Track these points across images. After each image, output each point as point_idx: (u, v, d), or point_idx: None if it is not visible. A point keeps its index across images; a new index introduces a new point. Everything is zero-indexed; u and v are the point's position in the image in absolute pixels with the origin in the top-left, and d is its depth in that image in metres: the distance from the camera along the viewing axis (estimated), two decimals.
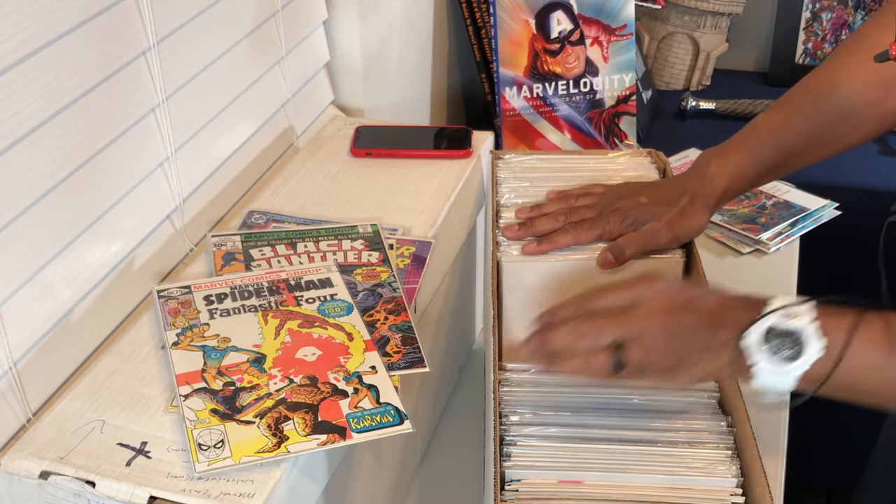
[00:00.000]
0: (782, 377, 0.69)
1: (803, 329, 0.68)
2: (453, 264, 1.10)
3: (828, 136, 0.93)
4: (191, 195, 0.99)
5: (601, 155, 1.13)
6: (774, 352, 0.69)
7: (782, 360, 0.69)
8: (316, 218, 1.03)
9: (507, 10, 1.49)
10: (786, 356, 0.69)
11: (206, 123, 1.00)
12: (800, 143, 0.94)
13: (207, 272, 0.94)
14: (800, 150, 0.94)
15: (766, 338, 0.69)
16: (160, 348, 0.84)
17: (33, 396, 0.78)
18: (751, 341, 0.69)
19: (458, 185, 1.10)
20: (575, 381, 0.84)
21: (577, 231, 0.95)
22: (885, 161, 1.66)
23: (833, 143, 0.95)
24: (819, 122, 0.93)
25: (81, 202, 0.83)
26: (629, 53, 1.58)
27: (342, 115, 1.30)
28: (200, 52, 0.97)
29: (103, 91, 0.83)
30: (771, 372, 0.69)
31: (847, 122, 0.92)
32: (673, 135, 1.74)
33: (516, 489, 0.74)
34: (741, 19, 1.91)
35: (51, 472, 0.71)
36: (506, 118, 1.53)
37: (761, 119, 0.96)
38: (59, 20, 0.76)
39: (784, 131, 0.94)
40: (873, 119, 0.93)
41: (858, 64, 0.91)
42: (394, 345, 0.84)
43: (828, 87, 0.93)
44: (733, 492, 0.73)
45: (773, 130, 0.95)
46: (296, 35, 1.17)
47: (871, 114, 0.92)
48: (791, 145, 0.94)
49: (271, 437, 0.72)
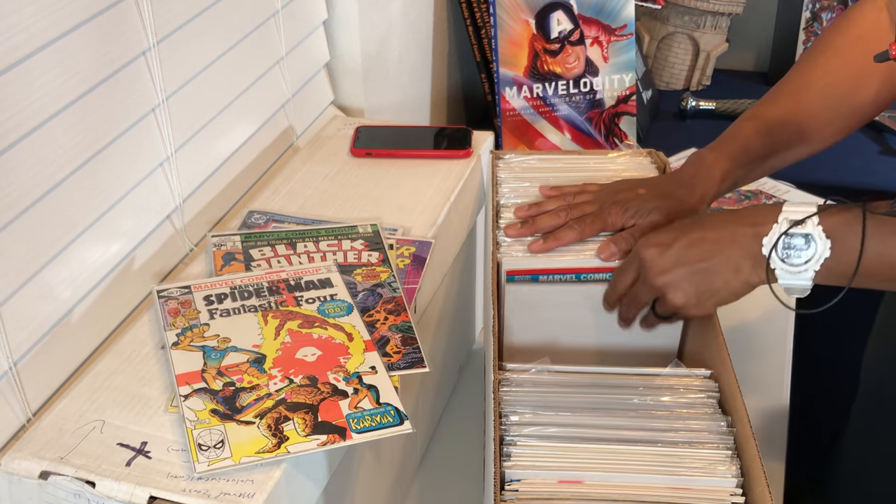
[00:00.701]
0: (799, 276, 0.79)
1: (811, 232, 0.78)
2: (453, 264, 1.10)
3: (810, 128, 0.97)
4: (191, 195, 0.99)
5: (601, 155, 1.13)
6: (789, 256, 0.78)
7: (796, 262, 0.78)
8: (316, 218, 1.03)
9: (507, 10, 1.49)
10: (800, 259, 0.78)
11: (206, 123, 1.00)
12: (785, 135, 0.97)
13: (207, 272, 0.94)
14: (787, 143, 0.97)
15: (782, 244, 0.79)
16: (160, 348, 0.84)
17: (33, 396, 0.78)
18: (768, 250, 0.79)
19: (458, 185, 1.10)
20: (575, 381, 0.85)
21: (581, 226, 0.95)
22: (885, 161, 1.66)
23: (817, 134, 0.98)
24: (800, 115, 0.97)
25: (81, 202, 0.83)
26: (629, 53, 1.58)
27: (342, 115, 1.30)
28: (200, 52, 0.97)
29: (103, 91, 0.83)
30: (789, 273, 0.79)
31: (825, 115, 0.97)
32: (673, 135, 1.74)
33: (516, 489, 0.74)
34: (741, 19, 1.91)
35: (51, 472, 0.71)
36: (506, 118, 1.53)
37: (748, 114, 1.00)
38: (59, 20, 0.76)
39: (770, 124, 0.97)
40: (849, 111, 0.98)
41: (825, 61, 0.98)
42: (394, 345, 0.84)
43: (804, 84, 0.98)
44: (733, 492, 0.73)
45: (759, 123, 0.98)
46: (296, 35, 1.17)
47: (846, 106, 0.97)
48: (778, 137, 0.97)
49: (271, 438, 0.72)
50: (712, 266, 0.83)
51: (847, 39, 0.97)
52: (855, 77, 0.96)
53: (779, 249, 0.79)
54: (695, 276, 0.84)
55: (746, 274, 0.82)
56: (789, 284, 0.80)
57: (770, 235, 0.80)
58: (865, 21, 0.96)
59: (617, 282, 0.91)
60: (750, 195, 1.46)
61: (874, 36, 0.95)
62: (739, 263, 0.82)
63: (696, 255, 0.84)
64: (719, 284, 0.83)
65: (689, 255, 0.84)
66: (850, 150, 1.64)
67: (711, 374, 0.86)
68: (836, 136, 0.99)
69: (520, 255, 0.95)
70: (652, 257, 0.86)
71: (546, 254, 0.95)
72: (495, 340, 0.88)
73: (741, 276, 0.82)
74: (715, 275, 0.83)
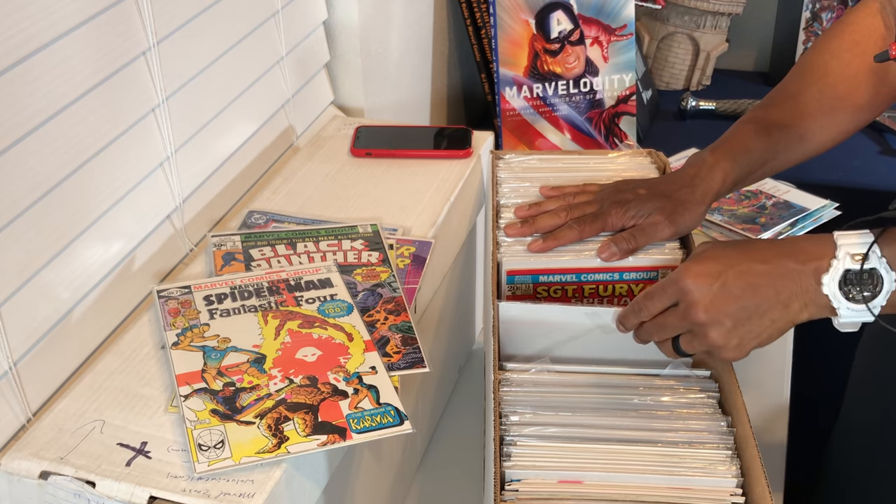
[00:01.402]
0: (864, 313, 0.74)
1: (875, 266, 0.73)
2: (453, 264, 1.10)
3: (809, 130, 0.98)
4: (191, 195, 0.99)
5: (601, 155, 1.13)
6: (854, 293, 0.74)
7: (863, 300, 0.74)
8: (316, 218, 1.03)
9: (507, 10, 1.49)
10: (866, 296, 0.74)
11: (206, 123, 1.00)
12: (785, 137, 0.97)
13: (207, 272, 0.94)
14: (786, 144, 0.98)
15: (845, 281, 0.74)
16: (160, 348, 0.84)
17: (33, 396, 0.78)
18: (833, 289, 0.74)
19: (458, 185, 1.10)
20: (575, 381, 0.85)
21: (581, 226, 0.96)
22: (885, 161, 1.66)
23: (815, 136, 0.98)
24: (798, 117, 0.98)
25: (81, 202, 0.83)
26: (629, 53, 1.58)
27: (342, 115, 1.30)
28: (200, 52, 0.97)
29: (103, 91, 0.83)
30: (853, 312, 0.74)
31: (824, 117, 0.98)
32: (673, 135, 1.74)
33: (516, 489, 0.74)
34: (741, 19, 1.91)
35: (51, 472, 0.71)
36: (506, 118, 1.53)
37: (747, 116, 1.00)
38: (59, 20, 0.76)
39: (769, 125, 0.98)
40: (847, 113, 0.98)
41: (823, 64, 0.98)
42: (394, 345, 0.84)
43: (802, 86, 0.99)
44: (733, 492, 0.73)
45: (759, 125, 0.98)
46: (296, 35, 1.17)
47: (843, 108, 0.98)
48: (777, 138, 0.97)
49: (271, 438, 0.72)
50: (761, 304, 0.76)
51: (843, 43, 0.98)
52: (851, 80, 0.97)
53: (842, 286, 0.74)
54: (741, 312, 0.76)
55: (795, 312, 0.76)
56: (849, 322, 0.75)
57: (831, 273, 0.74)
58: (861, 25, 0.98)
59: (643, 306, 0.82)
60: (750, 195, 1.46)
61: (869, 40, 0.96)
62: (790, 300, 0.76)
63: (745, 289, 0.76)
64: (766, 324, 0.77)
65: (737, 289, 0.76)
66: (850, 150, 1.64)
67: (711, 374, 0.86)
68: (835, 139, 1.00)
69: (520, 254, 0.95)
70: (699, 289, 0.77)
71: (546, 254, 0.95)
72: (495, 340, 0.87)
73: (789, 314, 0.76)
74: (763, 313, 0.76)
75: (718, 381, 0.85)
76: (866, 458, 1.12)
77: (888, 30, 0.96)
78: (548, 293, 0.96)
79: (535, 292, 0.96)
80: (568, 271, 0.95)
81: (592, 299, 0.97)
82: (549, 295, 0.96)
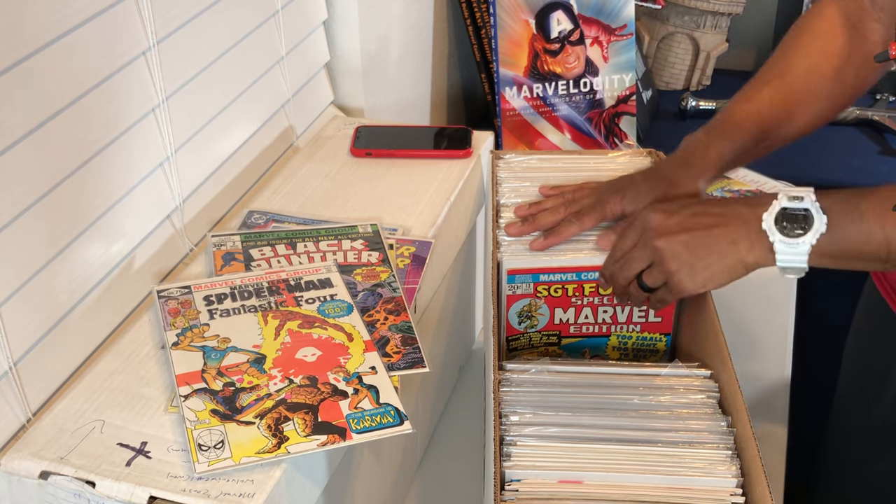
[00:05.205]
0: (796, 249, 0.82)
1: (809, 207, 0.81)
2: (453, 264, 1.10)
3: (798, 108, 1.00)
4: (191, 195, 0.99)
5: (601, 155, 1.13)
6: (788, 229, 0.82)
7: (795, 235, 0.81)
8: (316, 218, 1.03)
9: (507, 10, 1.49)
10: (798, 232, 0.81)
11: (206, 123, 1.00)
12: (775, 115, 0.99)
13: (207, 272, 0.94)
14: (777, 122, 0.99)
15: (782, 217, 0.82)
16: (160, 348, 0.84)
17: (33, 396, 0.78)
18: (769, 223, 0.82)
19: (458, 185, 1.10)
20: (575, 381, 0.85)
21: (580, 218, 0.96)
22: (886, 161, 1.66)
23: (804, 114, 1.00)
24: (787, 96, 1.00)
25: (82, 202, 0.83)
26: (629, 53, 1.58)
27: (342, 115, 1.30)
28: (200, 52, 0.97)
29: (103, 91, 0.83)
30: (786, 245, 0.82)
31: (811, 95, 1.00)
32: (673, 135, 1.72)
33: (516, 489, 0.74)
34: (741, 19, 1.91)
35: (51, 472, 0.71)
36: (506, 118, 1.53)
37: (737, 97, 1.02)
38: (59, 20, 0.76)
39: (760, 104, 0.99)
40: (833, 91, 1.00)
41: (806, 43, 1.01)
42: (394, 345, 0.84)
43: (788, 66, 1.01)
44: (733, 492, 0.73)
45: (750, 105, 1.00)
46: (296, 35, 1.17)
47: (829, 86, 1.00)
48: (768, 117, 0.99)
49: (271, 438, 0.72)
50: (711, 236, 0.85)
51: (824, 22, 1.00)
52: (835, 58, 0.99)
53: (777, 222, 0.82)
54: (693, 241, 0.85)
55: (743, 251, 0.83)
56: (786, 260, 0.82)
57: (770, 210, 0.82)
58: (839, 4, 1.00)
59: (616, 246, 0.92)
60: (750, 195, 1.46)
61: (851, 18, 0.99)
62: (737, 238, 0.84)
63: (699, 223, 0.86)
64: (714, 256, 0.85)
65: (691, 222, 0.86)
66: (850, 150, 1.64)
67: (711, 374, 0.86)
68: (823, 116, 1.01)
69: (520, 254, 0.95)
70: (655, 219, 0.87)
71: (546, 253, 0.95)
72: (495, 340, 0.87)
73: (737, 251, 0.84)
74: (713, 245, 0.85)
75: (718, 381, 0.85)
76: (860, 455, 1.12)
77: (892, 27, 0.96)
78: (548, 292, 0.96)
79: (536, 292, 0.96)
80: (568, 270, 0.95)
81: (593, 298, 0.97)
82: (550, 294, 0.96)
